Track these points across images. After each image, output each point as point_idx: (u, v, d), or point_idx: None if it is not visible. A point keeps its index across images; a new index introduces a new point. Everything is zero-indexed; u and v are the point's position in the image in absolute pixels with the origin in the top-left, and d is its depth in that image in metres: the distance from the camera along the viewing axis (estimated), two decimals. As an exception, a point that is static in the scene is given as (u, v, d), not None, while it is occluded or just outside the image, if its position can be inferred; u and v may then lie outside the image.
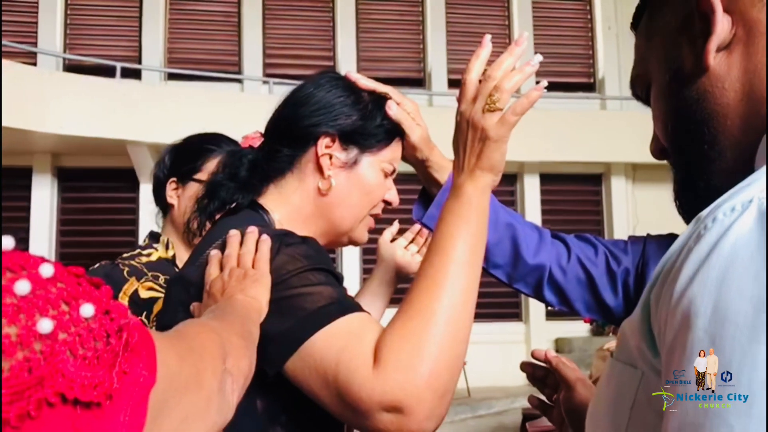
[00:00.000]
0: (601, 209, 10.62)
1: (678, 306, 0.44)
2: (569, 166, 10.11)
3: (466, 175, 0.90)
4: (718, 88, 0.60)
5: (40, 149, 8.71)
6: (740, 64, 0.59)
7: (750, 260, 0.41)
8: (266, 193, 1.04)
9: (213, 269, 0.90)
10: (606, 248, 1.19)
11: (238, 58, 10.07)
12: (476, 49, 0.93)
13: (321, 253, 0.91)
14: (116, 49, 9.68)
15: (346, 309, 0.83)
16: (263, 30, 10.17)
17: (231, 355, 0.65)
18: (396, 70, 10.54)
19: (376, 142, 1.03)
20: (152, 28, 9.80)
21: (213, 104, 8.37)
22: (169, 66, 9.80)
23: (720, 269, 0.42)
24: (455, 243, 0.86)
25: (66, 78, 8.42)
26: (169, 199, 1.58)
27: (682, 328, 0.43)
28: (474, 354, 9.20)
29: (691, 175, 0.66)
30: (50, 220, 8.97)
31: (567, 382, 1.09)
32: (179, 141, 1.66)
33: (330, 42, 10.41)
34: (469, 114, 0.90)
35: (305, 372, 0.80)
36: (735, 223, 0.43)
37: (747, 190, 0.46)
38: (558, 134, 9.57)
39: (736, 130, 0.60)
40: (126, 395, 0.41)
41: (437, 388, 0.77)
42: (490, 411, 8.20)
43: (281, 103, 1.07)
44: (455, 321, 0.81)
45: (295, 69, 9.90)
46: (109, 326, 0.41)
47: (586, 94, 10.76)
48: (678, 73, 0.63)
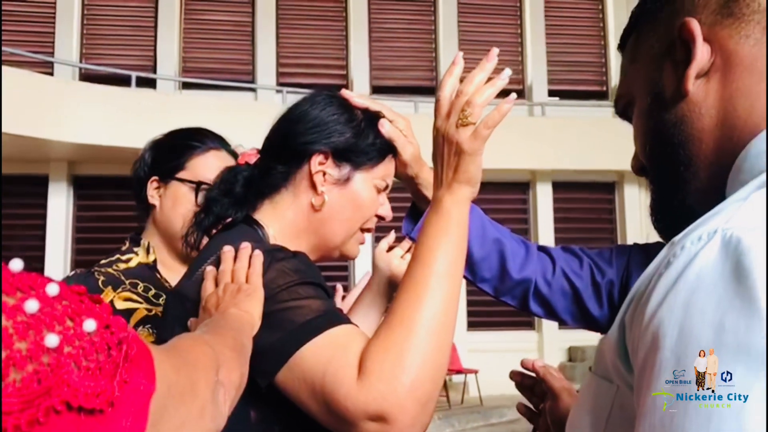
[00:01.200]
0: (614, 217, 10.58)
1: (648, 327, 0.48)
2: (582, 174, 10.09)
3: (445, 189, 0.93)
4: (695, 113, 0.63)
5: (56, 157, 8.81)
6: (717, 91, 0.62)
7: (712, 287, 0.45)
8: (261, 208, 1.06)
9: (209, 284, 0.93)
10: (591, 260, 1.21)
11: (252, 67, 10.14)
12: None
13: (311, 268, 0.94)
14: (131, 58, 9.78)
15: (333, 321, 0.85)
16: (277, 39, 10.25)
17: (223, 367, 0.68)
18: (408, 79, 10.57)
19: (368, 160, 1.06)
20: (167, 37, 9.91)
21: (227, 113, 8.43)
22: (183, 75, 9.89)
23: (685, 295, 0.46)
24: (436, 255, 0.88)
25: (82, 87, 8.52)
26: (150, 200, 1.47)
27: (651, 348, 0.47)
28: (487, 362, 9.21)
29: (666, 193, 0.69)
30: (66, 227, 9.06)
31: (553, 391, 1.12)
32: (160, 136, 1.55)
33: (343, 51, 10.47)
34: (444, 129, 0.93)
35: (294, 383, 0.83)
36: (700, 252, 0.47)
37: (712, 220, 0.49)
38: (570, 142, 9.56)
39: (711, 154, 0.63)
40: (127, 402, 0.44)
41: (419, 397, 0.79)
42: (502, 419, 8.17)
43: (277, 120, 1.09)
44: (437, 331, 0.83)
45: (308, 78, 9.96)
46: (109, 339, 0.44)
47: (598, 102, 10.74)
48: (659, 96, 0.67)
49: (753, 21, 0.62)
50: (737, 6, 0.62)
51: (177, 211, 1.43)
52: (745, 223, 0.47)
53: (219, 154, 1.49)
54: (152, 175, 1.47)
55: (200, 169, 1.45)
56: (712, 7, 0.63)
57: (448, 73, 0.96)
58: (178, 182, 1.45)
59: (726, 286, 0.44)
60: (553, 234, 10.22)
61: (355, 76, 10.30)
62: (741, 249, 0.45)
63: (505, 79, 0.93)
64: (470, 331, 9.48)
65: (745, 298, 0.43)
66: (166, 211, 1.45)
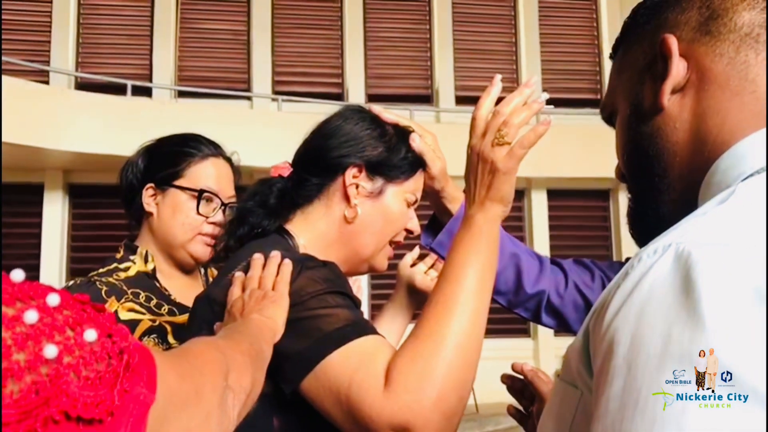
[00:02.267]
0: (609, 225, 10.59)
1: (605, 335, 0.50)
2: (577, 181, 10.11)
3: (477, 207, 0.94)
4: (670, 127, 0.66)
5: (51, 166, 8.79)
6: (691, 107, 0.65)
7: (663, 299, 0.47)
8: (293, 219, 1.08)
9: (236, 289, 0.94)
10: (602, 272, 1.25)
11: (248, 75, 10.14)
12: (487, 86, 0.99)
13: (340, 278, 0.95)
14: (127, 67, 9.78)
15: (361, 331, 0.86)
16: (272, 48, 10.26)
17: (233, 372, 0.68)
18: (404, 87, 10.59)
19: (400, 173, 1.08)
20: (163, 46, 9.91)
21: (223, 121, 8.42)
22: (179, 84, 9.89)
23: (639, 305, 0.48)
24: (466, 272, 0.89)
25: (78, 96, 8.51)
26: (146, 207, 1.46)
27: (607, 355, 0.49)
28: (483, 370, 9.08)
29: (642, 202, 0.72)
30: (61, 236, 9.03)
31: (540, 394, 1.13)
32: (153, 142, 1.53)
33: (338, 59, 10.48)
34: (479, 148, 0.95)
35: (320, 391, 0.83)
36: (655, 265, 0.49)
37: (669, 235, 0.51)
38: (565, 150, 9.58)
39: (684, 167, 0.66)
40: (127, 412, 0.44)
41: (445, 411, 0.80)
42: (498, 427, 8.15)
43: (310, 135, 1.12)
44: (464, 346, 0.84)
45: (304, 86, 9.97)
46: (110, 349, 0.44)
47: (593, 110, 10.76)
48: (637, 108, 0.69)
49: (728, 40, 0.63)
50: (715, 25, 0.64)
51: (177, 219, 1.43)
52: (698, 238, 0.48)
53: (217, 161, 1.48)
54: (147, 182, 1.46)
55: (200, 176, 1.44)
56: (692, 24, 0.65)
57: (486, 93, 0.98)
58: (176, 190, 1.44)
59: (675, 298, 0.46)
60: (548, 241, 10.22)
61: (350, 85, 10.31)
62: (690, 263, 0.46)
63: (542, 103, 0.95)
64: (466, 338, 9.47)
65: (690, 309, 0.44)
66: (165, 219, 1.44)
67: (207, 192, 1.43)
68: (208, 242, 1.45)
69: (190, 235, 1.43)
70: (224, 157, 1.52)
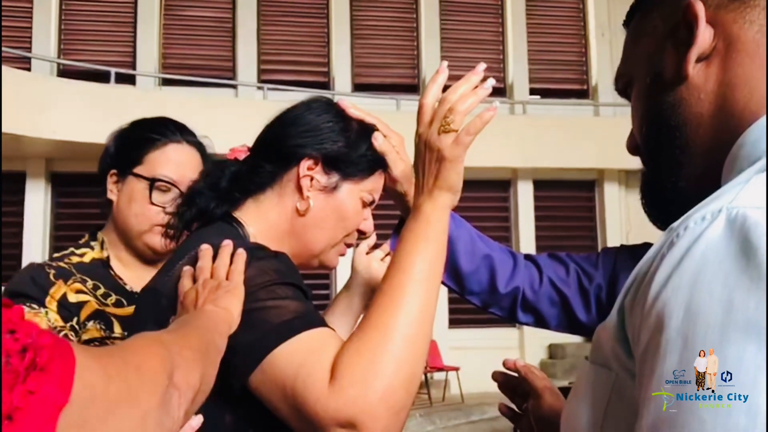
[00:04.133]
0: (594, 215, 10.65)
1: (652, 309, 0.47)
2: (562, 172, 10.15)
3: (425, 196, 0.93)
4: (694, 98, 0.62)
5: (34, 154, 8.69)
6: (717, 76, 0.61)
7: (719, 265, 0.44)
8: (244, 206, 1.05)
9: (186, 281, 0.91)
10: (578, 266, 1.22)
11: (233, 63, 10.07)
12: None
13: (291, 269, 0.92)
14: (110, 54, 9.67)
15: (309, 324, 0.84)
16: (258, 36, 10.18)
17: (179, 369, 0.65)
18: (390, 77, 10.56)
19: (358, 171, 1.05)
20: (147, 33, 9.81)
21: (207, 110, 8.36)
22: (163, 71, 9.80)
23: (692, 273, 0.45)
24: (414, 261, 0.88)
25: (60, 83, 8.42)
26: (109, 194, 1.39)
27: (656, 329, 0.46)
28: (468, 360, 9.22)
29: (660, 175, 0.68)
30: (44, 225, 8.95)
31: (535, 390, 1.11)
32: (125, 126, 1.46)
33: (325, 48, 10.43)
34: (425, 136, 0.93)
35: (267, 386, 0.81)
36: (705, 231, 0.46)
37: (716, 201, 0.48)
38: (551, 141, 9.61)
39: (708, 139, 0.62)
40: (32, 415, 0.41)
41: (392, 405, 0.78)
42: (483, 416, 8.20)
43: (271, 121, 1.09)
44: (412, 338, 0.82)
45: (289, 75, 9.92)
46: (10, 346, 0.41)
47: (579, 101, 10.80)
48: (659, 77, 0.66)
49: (759, 7, 0.61)
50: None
51: (131, 209, 1.37)
52: (750, 202, 0.46)
53: (179, 147, 1.41)
54: (112, 168, 1.40)
55: (157, 164, 1.37)
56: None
57: (432, 81, 0.96)
58: (134, 178, 1.37)
59: (733, 263, 0.43)
60: (534, 232, 10.27)
61: (336, 74, 10.27)
62: (747, 226, 0.44)
63: (489, 89, 0.93)
64: (452, 328, 9.50)
65: (753, 275, 0.42)
66: (122, 207, 1.38)
67: (161, 181, 1.36)
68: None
69: (145, 226, 1.36)
70: (191, 142, 1.43)
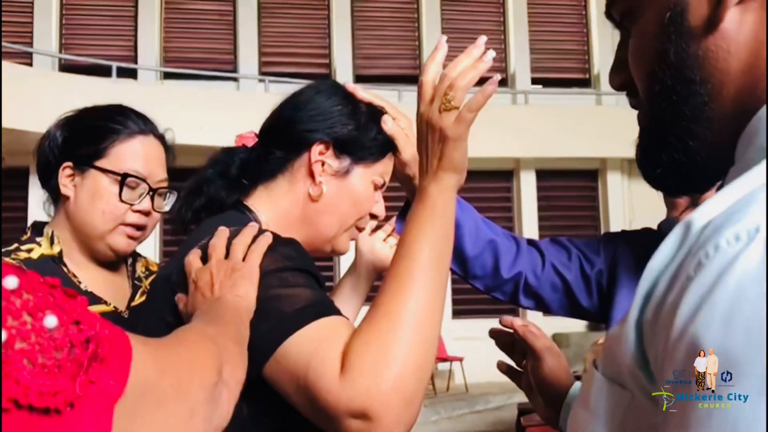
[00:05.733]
0: (597, 204, 10.64)
1: (680, 342, 0.41)
2: (565, 162, 10.13)
3: (430, 178, 0.90)
4: (723, 50, 0.51)
5: (36, 149, 8.70)
6: (752, 27, 0.50)
7: (758, 300, 0.37)
8: (254, 194, 1.03)
9: (194, 260, 0.89)
10: (579, 251, 1.23)
11: (234, 56, 10.06)
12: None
13: (303, 256, 0.91)
14: (112, 48, 9.67)
15: (321, 312, 0.83)
16: (259, 28, 10.16)
17: (228, 364, 0.66)
18: (391, 68, 10.53)
19: (369, 155, 1.04)
20: (148, 27, 9.79)
21: (209, 103, 8.36)
22: (164, 65, 9.79)
23: (725, 307, 0.38)
24: (420, 246, 0.85)
25: (62, 78, 8.42)
26: (63, 189, 1.26)
27: (687, 365, 0.40)
28: (472, 350, 9.23)
29: (667, 134, 0.57)
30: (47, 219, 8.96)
31: (535, 351, 1.09)
32: (72, 113, 1.33)
33: (326, 39, 10.41)
34: (427, 115, 0.90)
35: (281, 376, 0.80)
36: (741, 255, 0.39)
37: (749, 215, 0.40)
38: (554, 130, 9.58)
39: (729, 103, 0.52)
40: (91, 404, 0.42)
41: (404, 393, 0.76)
42: (487, 406, 8.22)
43: (279, 106, 1.07)
44: (422, 325, 0.81)
45: (291, 67, 9.90)
46: (75, 337, 0.42)
47: (581, 90, 10.77)
48: (681, 17, 0.53)
49: None
50: None
51: (96, 205, 1.24)
52: None
53: (146, 140, 1.29)
54: (65, 161, 1.26)
55: (125, 157, 1.25)
56: None
57: (431, 57, 0.93)
58: (98, 172, 1.24)
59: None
60: (537, 222, 10.26)
61: (338, 65, 10.25)
62: None
63: (489, 62, 0.89)
64: (455, 319, 9.51)
65: None
66: (83, 205, 1.25)
67: (132, 176, 1.25)
68: (130, 234, 1.26)
69: (111, 225, 1.24)
70: (155, 134, 1.32)
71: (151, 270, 1.38)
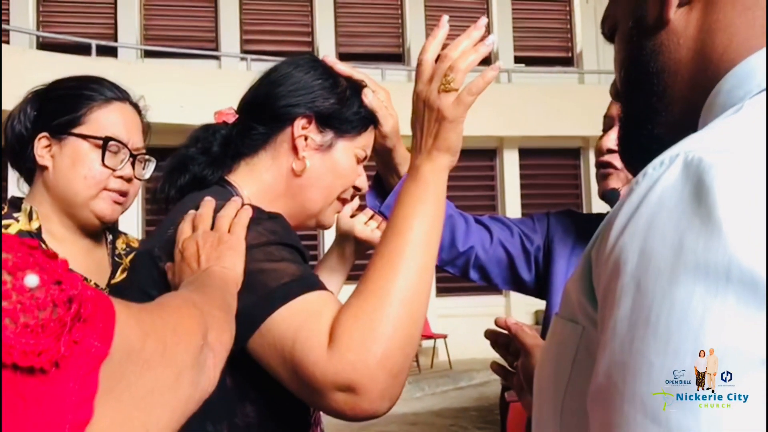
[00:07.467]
0: (579, 182, 10.71)
1: (611, 255, 0.47)
2: (548, 140, 10.16)
3: (424, 157, 0.90)
4: (674, 43, 0.61)
5: (15, 129, 8.59)
6: (697, 22, 0.60)
7: (673, 209, 0.43)
8: (237, 169, 1.04)
9: (186, 227, 0.90)
10: (519, 229, 1.33)
11: (215, 34, 9.95)
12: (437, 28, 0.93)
13: (287, 230, 0.92)
14: (91, 26, 9.52)
15: (307, 287, 0.83)
16: (240, 6, 10.05)
17: (213, 329, 0.66)
18: (375, 46, 10.48)
19: (352, 128, 1.05)
20: (128, 4, 9.65)
21: (190, 81, 8.28)
22: (145, 43, 9.66)
23: (647, 218, 0.45)
24: (412, 224, 0.86)
25: (40, 56, 8.28)
26: (40, 160, 1.24)
27: (613, 275, 0.46)
28: (455, 327, 9.32)
29: (636, 122, 0.67)
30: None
31: (525, 348, 1.11)
32: (42, 86, 1.32)
33: (308, 17, 10.31)
34: (425, 94, 0.90)
35: (265, 349, 0.81)
36: (662, 176, 0.46)
37: (676, 147, 0.48)
38: (536, 109, 9.60)
39: (685, 87, 0.61)
40: (76, 364, 0.42)
41: (390, 368, 0.77)
42: (471, 382, 8.31)
43: (258, 81, 1.07)
44: (410, 302, 0.82)
45: (272, 45, 9.81)
46: (57, 296, 0.41)
47: (564, 69, 10.78)
48: (640, 22, 0.64)
49: None
50: None
51: (78, 171, 1.23)
52: (708, 146, 0.45)
53: (123, 106, 1.29)
54: (40, 132, 1.25)
55: (104, 122, 1.25)
56: None
57: (432, 36, 0.92)
58: (77, 138, 1.23)
59: (686, 206, 0.43)
60: (520, 200, 10.31)
61: (320, 43, 10.17)
62: (702, 168, 0.43)
63: (490, 46, 0.90)
64: (439, 297, 9.58)
65: (704, 216, 0.42)
66: (63, 172, 1.24)
67: (113, 140, 1.24)
68: (115, 199, 1.26)
69: (94, 190, 1.23)
70: (131, 102, 1.32)
71: (132, 247, 1.37)
